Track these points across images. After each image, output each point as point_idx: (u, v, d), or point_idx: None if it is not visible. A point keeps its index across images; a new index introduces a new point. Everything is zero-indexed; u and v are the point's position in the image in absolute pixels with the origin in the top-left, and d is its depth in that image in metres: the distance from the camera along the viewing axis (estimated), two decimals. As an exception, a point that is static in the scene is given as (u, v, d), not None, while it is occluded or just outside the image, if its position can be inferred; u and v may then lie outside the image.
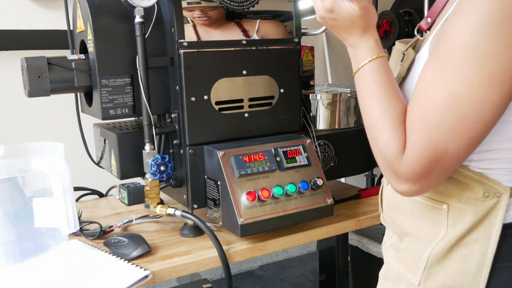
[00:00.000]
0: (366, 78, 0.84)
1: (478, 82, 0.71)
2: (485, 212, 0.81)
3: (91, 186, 1.65)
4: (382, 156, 0.81)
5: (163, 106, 1.28)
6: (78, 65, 1.23)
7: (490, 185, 0.81)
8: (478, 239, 0.82)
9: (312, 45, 1.54)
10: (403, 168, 0.77)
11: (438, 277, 0.86)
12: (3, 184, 1.01)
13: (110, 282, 1.02)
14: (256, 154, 1.21)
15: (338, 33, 0.88)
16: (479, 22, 0.70)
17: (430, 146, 0.74)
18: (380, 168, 0.83)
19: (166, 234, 1.29)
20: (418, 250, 0.89)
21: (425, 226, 0.88)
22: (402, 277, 0.91)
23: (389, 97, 0.81)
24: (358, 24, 0.84)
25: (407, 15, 2.73)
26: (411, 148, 0.76)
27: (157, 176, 1.24)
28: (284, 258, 3.16)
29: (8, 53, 2.14)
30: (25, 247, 1.05)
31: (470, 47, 0.71)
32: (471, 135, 0.73)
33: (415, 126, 0.76)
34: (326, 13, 0.85)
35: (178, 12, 1.20)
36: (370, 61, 0.84)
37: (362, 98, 0.85)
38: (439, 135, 0.74)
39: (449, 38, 0.73)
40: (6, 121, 2.19)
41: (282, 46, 1.34)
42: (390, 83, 0.83)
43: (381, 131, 0.80)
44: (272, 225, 1.19)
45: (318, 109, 1.50)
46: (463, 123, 0.73)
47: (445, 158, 0.75)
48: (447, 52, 0.73)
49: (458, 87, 0.72)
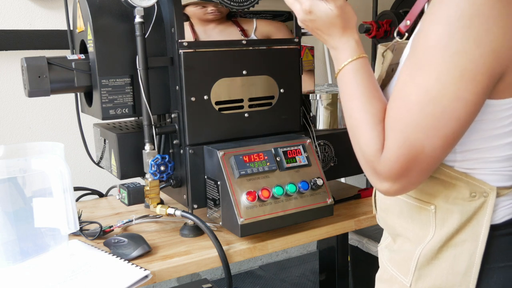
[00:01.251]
0: (347, 78, 0.85)
1: (451, 79, 0.71)
2: (472, 212, 0.81)
3: (91, 186, 1.65)
4: (363, 155, 0.82)
5: (163, 106, 1.28)
6: (78, 65, 1.23)
7: (476, 184, 0.81)
8: (466, 239, 0.82)
9: (312, 45, 1.54)
10: (382, 167, 0.78)
11: (428, 278, 0.86)
12: (3, 184, 1.01)
13: (110, 282, 1.02)
14: (256, 154, 1.21)
15: (320, 36, 0.89)
16: (450, 20, 0.70)
17: (407, 145, 0.75)
18: (362, 168, 0.84)
19: (166, 234, 1.29)
20: (409, 251, 0.89)
21: (414, 227, 0.88)
22: (395, 279, 0.92)
23: (369, 97, 0.82)
24: (337, 24, 0.85)
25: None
26: (388, 146, 0.77)
27: (157, 176, 1.24)
28: (284, 258, 3.16)
29: (8, 53, 2.14)
30: (25, 247, 1.05)
31: (441, 45, 0.71)
32: (446, 132, 0.73)
33: (392, 125, 0.77)
34: (305, 15, 0.86)
35: (178, 12, 1.20)
36: (350, 62, 0.85)
37: (344, 98, 0.86)
38: (415, 133, 0.74)
39: (423, 37, 0.74)
40: (6, 121, 2.19)
41: (282, 46, 1.34)
42: (370, 83, 0.84)
43: (362, 131, 0.81)
44: (272, 225, 1.19)
45: (318, 109, 1.50)
46: (438, 121, 0.73)
47: (422, 156, 0.75)
48: (421, 50, 0.74)
49: (431, 85, 0.72)
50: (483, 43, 0.69)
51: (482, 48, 0.69)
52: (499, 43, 0.70)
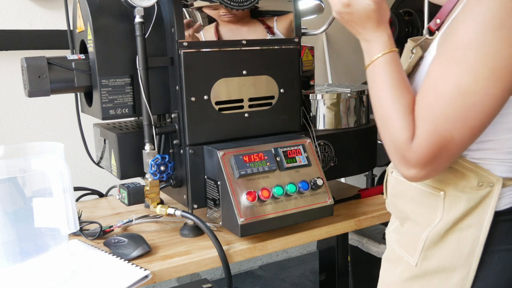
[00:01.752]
0: (378, 70, 0.89)
1: (482, 75, 0.77)
2: (479, 200, 0.87)
3: (91, 186, 1.65)
4: (393, 143, 0.85)
5: (163, 106, 1.28)
6: (78, 65, 1.23)
7: (484, 175, 0.86)
8: (471, 224, 0.88)
9: (312, 45, 1.54)
10: (412, 154, 0.82)
11: (434, 258, 0.92)
12: (3, 184, 1.01)
13: (110, 282, 1.02)
14: (256, 154, 1.21)
15: (353, 28, 0.92)
16: (484, 21, 0.76)
17: (438, 134, 0.80)
18: (390, 156, 0.88)
19: (166, 234, 1.29)
20: (417, 233, 0.94)
21: (423, 211, 0.94)
22: (401, 259, 0.97)
23: (400, 89, 0.86)
24: (373, 18, 0.89)
25: (407, 15, 2.73)
26: (420, 135, 0.82)
27: (157, 176, 1.24)
28: (284, 258, 3.16)
29: (8, 53, 2.14)
30: (25, 247, 1.05)
31: (475, 43, 0.77)
32: (474, 124, 0.79)
33: (424, 115, 0.82)
34: (343, 7, 0.89)
35: (178, 12, 1.20)
36: (383, 54, 0.88)
37: (375, 89, 0.90)
38: (446, 124, 0.80)
39: (457, 35, 0.79)
40: (6, 121, 2.19)
41: (282, 46, 1.34)
42: (400, 75, 0.88)
43: (393, 119, 0.85)
44: (272, 225, 1.19)
45: (318, 109, 1.50)
46: (468, 113, 0.79)
47: (450, 145, 0.81)
48: (455, 47, 0.79)
49: (464, 79, 0.78)
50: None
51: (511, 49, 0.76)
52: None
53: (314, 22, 2.21)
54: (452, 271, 0.90)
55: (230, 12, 1.25)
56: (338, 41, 3.04)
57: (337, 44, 3.04)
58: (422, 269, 0.93)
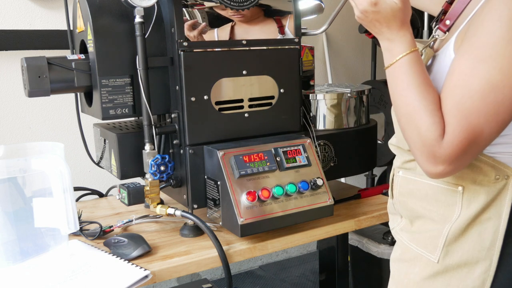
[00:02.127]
0: (404, 69, 0.89)
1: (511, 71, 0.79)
2: (496, 192, 0.90)
3: (91, 186, 1.65)
4: (423, 140, 0.86)
5: (163, 106, 1.28)
6: (78, 65, 1.23)
7: (501, 168, 0.89)
8: (491, 217, 0.90)
9: (312, 45, 1.54)
10: (443, 150, 0.84)
11: (456, 253, 0.93)
12: (3, 184, 1.01)
13: (110, 282, 1.02)
14: (256, 154, 1.21)
15: (377, 27, 0.92)
16: (509, 19, 0.79)
17: (470, 129, 0.82)
18: (416, 153, 0.88)
19: (166, 234, 1.29)
20: (435, 230, 0.95)
21: (439, 208, 0.95)
22: (420, 257, 0.98)
23: (426, 86, 0.88)
24: (398, 17, 0.89)
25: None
26: (452, 131, 0.83)
27: (157, 176, 1.24)
28: (284, 258, 3.16)
29: (8, 53, 2.14)
30: (25, 247, 1.05)
31: (505, 40, 0.79)
32: (504, 118, 0.82)
33: (454, 112, 0.83)
34: (370, 6, 0.89)
35: (178, 12, 1.20)
36: (407, 53, 0.89)
37: (399, 87, 0.90)
38: (477, 119, 0.82)
39: (485, 33, 0.81)
40: (6, 121, 2.19)
41: (282, 46, 1.34)
42: (425, 74, 0.89)
43: (422, 117, 0.86)
44: (272, 225, 1.19)
45: (318, 109, 1.50)
46: (499, 107, 0.81)
47: (480, 139, 0.83)
48: (483, 44, 0.81)
49: (494, 75, 0.80)
50: None
51: None
52: None
53: (314, 22, 2.21)
54: (474, 265, 0.91)
55: (238, 12, 1.25)
56: (338, 41, 3.04)
57: (337, 44, 3.03)
58: (444, 265, 0.94)
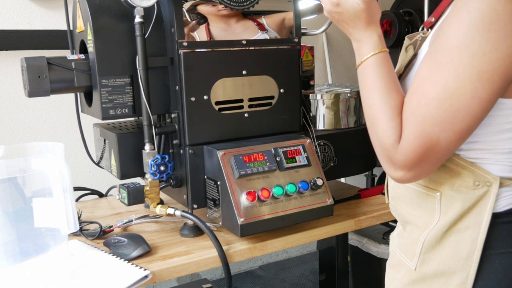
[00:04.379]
0: (368, 70, 0.88)
1: (469, 78, 0.76)
2: (475, 200, 0.85)
3: (91, 186, 1.65)
4: (380, 144, 0.85)
5: (163, 106, 1.28)
6: (78, 65, 1.23)
7: (480, 174, 0.85)
8: (469, 226, 0.86)
9: (312, 45, 1.54)
10: (399, 156, 0.82)
11: (432, 262, 0.90)
12: (3, 184, 1.01)
13: (110, 282, 1.02)
14: (256, 154, 1.21)
15: (344, 28, 0.92)
16: (471, 23, 0.75)
17: (424, 137, 0.79)
18: (378, 156, 0.88)
19: (166, 234, 1.29)
20: (416, 237, 0.93)
21: (422, 214, 0.93)
22: (402, 263, 0.96)
23: (388, 89, 0.86)
24: (362, 18, 0.88)
25: (407, 15, 2.73)
26: (406, 137, 0.81)
27: (157, 176, 1.24)
28: (284, 258, 3.16)
29: (8, 53, 2.14)
30: (25, 247, 1.05)
31: (463, 46, 0.75)
32: (461, 127, 0.78)
33: (410, 117, 0.81)
34: (333, 7, 0.90)
35: (178, 12, 1.20)
36: (372, 55, 0.88)
37: (364, 89, 0.89)
38: (432, 127, 0.79)
39: (445, 36, 0.78)
40: (6, 121, 2.19)
41: (282, 46, 1.34)
42: (390, 76, 0.87)
43: (380, 121, 0.85)
44: (272, 225, 1.19)
45: (318, 109, 1.50)
46: (454, 116, 0.77)
47: (437, 148, 0.80)
48: (442, 49, 0.78)
49: (450, 82, 0.77)
50: (501, 47, 0.74)
51: (500, 52, 0.74)
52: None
53: (314, 22, 2.21)
54: (451, 275, 0.88)
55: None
56: (338, 41, 3.04)
57: (337, 44, 3.03)
58: (421, 273, 0.91)
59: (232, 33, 1.27)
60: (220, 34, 1.26)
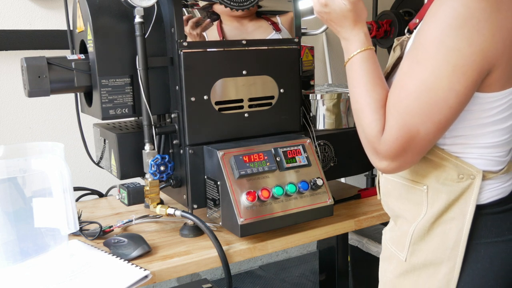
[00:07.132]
0: (355, 67, 0.93)
1: (445, 72, 0.80)
2: (460, 192, 0.90)
3: (91, 186, 1.65)
4: (365, 136, 0.90)
5: (163, 106, 1.28)
6: (78, 65, 1.23)
7: (464, 167, 0.89)
8: (454, 217, 0.90)
9: (312, 45, 1.54)
10: (382, 147, 0.87)
11: (421, 253, 0.94)
12: (3, 184, 1.01)
13: (110, 282, 1.02)
14: (256, 154, 1.21)
15: (333, 27, 0.97)
16: (446, 21, 0.80)
17: (405, 128, 0.84)
18: (364, 148, 0.92)
19: (166, 234, 1.29)
20: (405, 230, 0.97)
21: (411, 207, 0.97)
22: (394, 255, 1.00)
23: (373, 84, 0.91)
24: (349, 17, 0.93)
25: (407, 15, 2.73)
26: (388, 129, 0.86)
27: (157, 176, 1.24)
28: (284, 258, 3.16)
29: (8, 53, 2.14)
30: (25, 247, 1.05)
31: (438, 42, 0.80)
32: (440, 119, 0.83)
33: (392, 110, 0.86)
34: (321, 7, 0.95)
35: (178, 12, 1.20)
36: (358, 52, 0.93)
37: (351, 85, 0.94)
38: (412, 119, 0.83)
39: (423, 34, 0.83)
40: (6, 121, 2.19)
41: (282, 46, 1.34)
42: (375, 72, 0.92)
43: (365, 113, 0.90)
44: (272, 225, 1.19)
45: (318, 109, 1.50)
46: (432, 109, 0.82)
47: (417, 138, 0.84)
48: (420, 45, 0.83)
49: (428, 76, 0.81)
50: (474, 43, 0.78)
51: (473, 47, 0.79)
52: (488, 44, 0.79)
53: (314, 22, 2.21)
54: (438, 265, 0.92)
55: None
56: (338, 41, 3.02)
57: (337, 44, 3.03)
58: (411, 264, 0.96)
59: (244, 32, 1.28)
60: (233, 32, 1.27)
